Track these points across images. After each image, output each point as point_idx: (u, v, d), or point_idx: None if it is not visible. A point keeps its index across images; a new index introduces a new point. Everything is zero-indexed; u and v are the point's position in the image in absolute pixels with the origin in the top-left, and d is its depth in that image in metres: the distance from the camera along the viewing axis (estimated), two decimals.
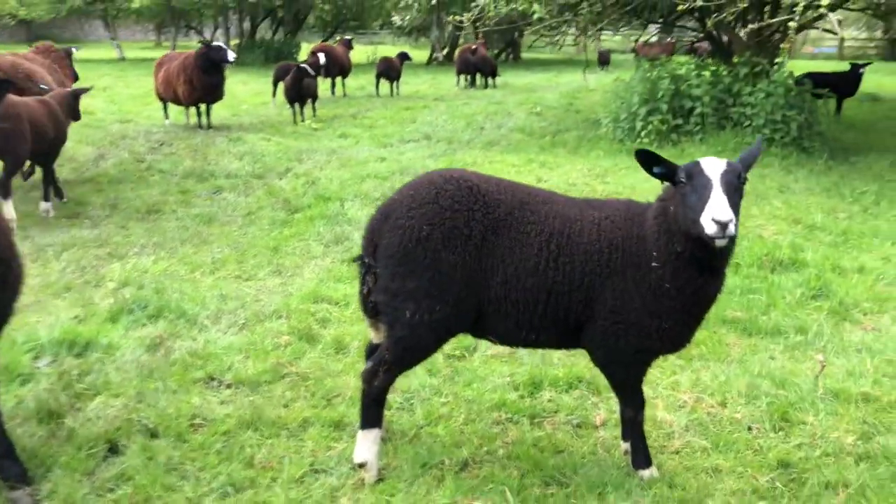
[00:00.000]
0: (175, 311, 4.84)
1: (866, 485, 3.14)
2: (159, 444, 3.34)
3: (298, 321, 4.78)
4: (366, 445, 3.13)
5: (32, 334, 4.36)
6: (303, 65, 13.79)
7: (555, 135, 12.30)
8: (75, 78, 10.26)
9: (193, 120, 12.99)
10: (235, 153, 10.58)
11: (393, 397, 3.88)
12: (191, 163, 9.94)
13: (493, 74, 21.81)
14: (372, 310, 3.20)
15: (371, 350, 3.40)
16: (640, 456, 3.26)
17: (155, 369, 4.04)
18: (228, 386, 3.93)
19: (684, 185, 2.84)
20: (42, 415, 3.51)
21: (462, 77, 21.78)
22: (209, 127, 12.78)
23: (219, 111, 14.04)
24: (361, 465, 3.14)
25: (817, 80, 12.40)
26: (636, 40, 20.71)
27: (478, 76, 21.70)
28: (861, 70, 14.05)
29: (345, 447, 3.35)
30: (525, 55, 38.22)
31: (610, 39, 40.47)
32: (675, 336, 3.09)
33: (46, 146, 7.30)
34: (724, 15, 9.23)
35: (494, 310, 3.08)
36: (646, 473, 3.23)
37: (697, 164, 2.85)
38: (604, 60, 26.99)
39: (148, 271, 5.76)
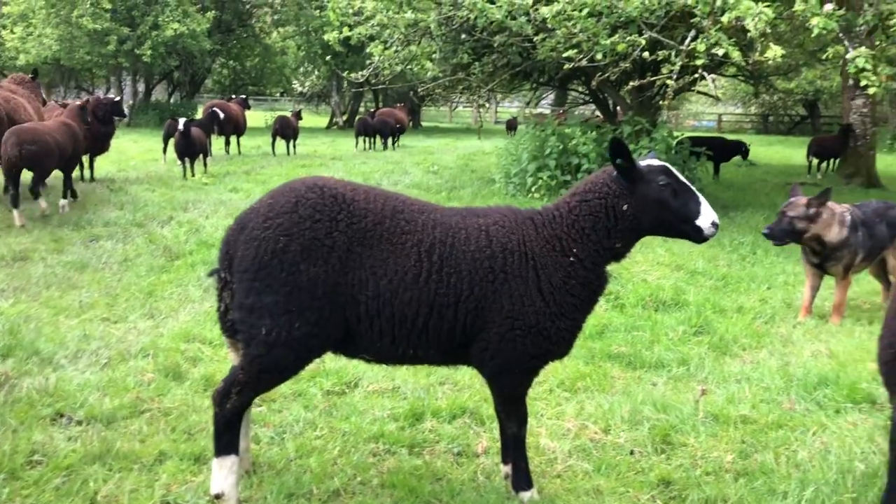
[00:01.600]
0: (27, 349, 4.44)
1: (744, 499, 3.10)
2: None
3: (166, 359, 4.46)
4: (222, 474, 2.84)
5: None
6: (190, 118, 13.48)
7: (450, 191, 12.39)
8: (43, 102, 11.45)
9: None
10: (116, 202, 10.11)
11: (263, 431, 3.63)
12: (67, 211, 9.41)
13: (396, 135, 22.21)
14: (230, 329, 2.97)
15: None
16: (522, 476, 3.12)
17: None
18: (79, 422, 3.57)
19: (665, 186, 2.96)
20: None
21: (361, 139, 21.90)
22: (92, 179, 12.24)
23: (104, 166, 13.51)
24: (218, 497, 2.85)
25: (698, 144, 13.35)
26: (527, 104, 21.41)
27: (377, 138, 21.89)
28: (745, 147, 16.34)
29: (203, 479, 3.07)
30: (425, 123, 38.95)
31: (506, 111, 41.94)
32: (569, 337, 3.05)
33: (67, 158, 9.39)
34: (608, 74, 9.61)
35: (366, 327, 2.90)
36: (526, 496, 3.09)
37: (668, 168, 3.01)
38: (511, 126, 27.81)
39: (2, 313, 5.30)
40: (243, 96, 20.84)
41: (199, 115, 21.87)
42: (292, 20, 30.55)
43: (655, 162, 3.04)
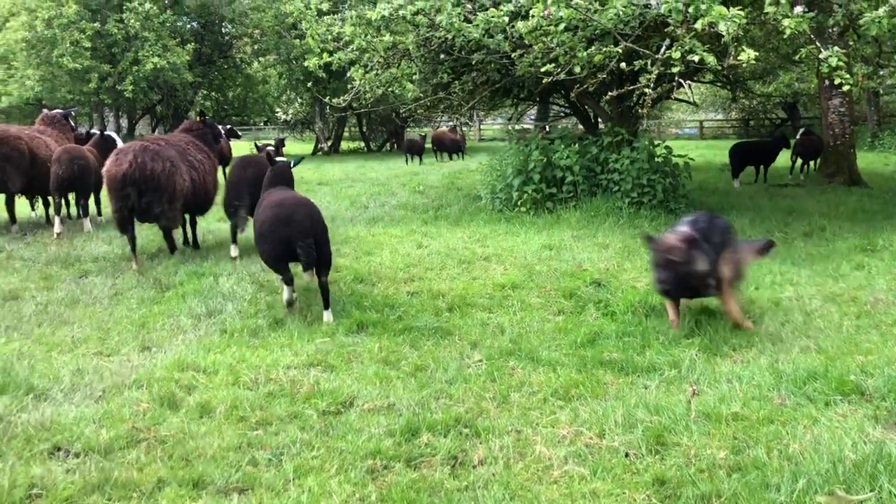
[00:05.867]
0: (22, 386, 4.44)
1: (738, 493, 3.14)
2: None
3: (160, 388, 4.47)
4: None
5: None
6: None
7: (437, 209, 12.46)
8: (73, 131, 12.26)
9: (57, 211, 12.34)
10: (104, 238, 10.12)
11: (261, 454, 3.65)
12: (55, 249, 9.42)
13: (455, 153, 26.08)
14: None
15: None
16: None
17: None
18: (77, 455, 3.58)
19: None
20: None
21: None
22: (85, 215, 12.13)
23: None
24: None
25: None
26: (509, 120, 21.68)
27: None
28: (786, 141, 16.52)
29: None
30: None
31: (489, 128, 42.15)
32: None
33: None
34: (586, 86, 9.73)
35: None
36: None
37: None
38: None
39: None
40: (229, 126, 20.92)
41: None
42: (272, 49, 30.75)
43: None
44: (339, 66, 11.47)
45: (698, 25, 7.53)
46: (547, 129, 24.05)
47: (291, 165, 7.53)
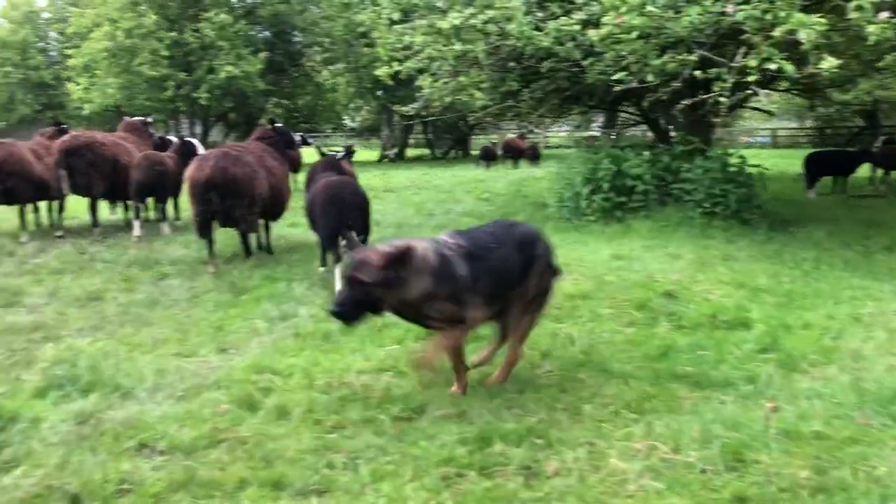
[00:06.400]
0: (109, 385, 4.63)
1: None
2: None
3: (239, 390, 4.61)
4: None
5: None
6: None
7: (503, 217, 12.45)
8: (152, 138, 12.68)
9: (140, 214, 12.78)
10: (182, 241, 10.45)
11: (337, 457, 3.71)
12: (135, 252, 9.77)
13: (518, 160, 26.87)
14: None
15: None
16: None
17: (83, 439, 3.82)
18: (161, 452, 3.72)
19: None
20: None
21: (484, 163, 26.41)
22: (164, 219, 12.45)
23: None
24: None
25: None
26: (576, 127, 21.58)
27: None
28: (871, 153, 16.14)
29: None
30: (474, 152, 39.16)
31: (555, 135, 41.90)
32: None
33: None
34: (659, 94, 9.62)
35: None
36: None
37: None
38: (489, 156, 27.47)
39: (83, 351, 5.52)
40: (300, 135, 21.36)
41: None
42: (342, 58, 31.26)
43: None
44: (407, 75, 11.60)
45: (777, 33, 7.36)
46: (614, 136, 23.84)
47: (338, 157, 9.49)
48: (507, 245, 4.63)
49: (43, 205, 11.87)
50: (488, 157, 26.64)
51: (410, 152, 38.27)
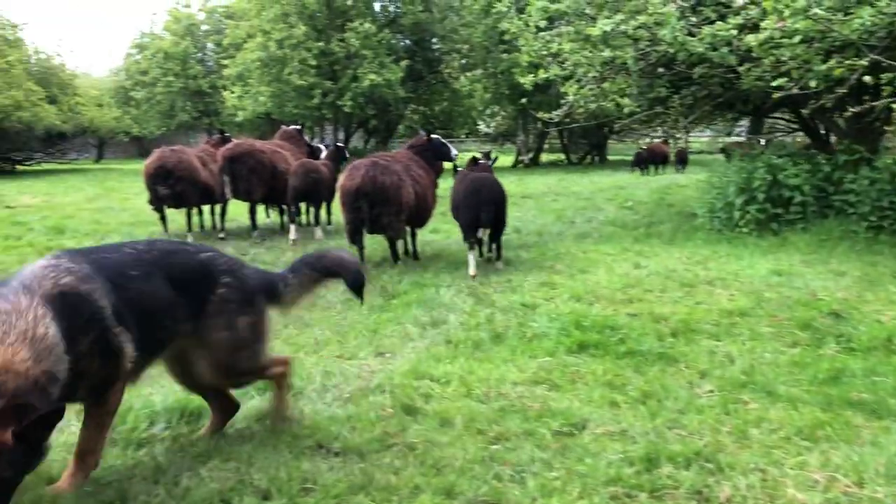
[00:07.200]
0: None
1: None
2: None
3: (402, 394, 4.76)
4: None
5: (148, 402, 4.48)
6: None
7: (648, 227, 12.20)
8: (306, 146, 13.47)
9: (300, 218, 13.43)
10: (334, 245, 10.87)
11: (503, 469, 3.76)
12: (292, 254, 10.26)
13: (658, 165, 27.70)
14: None
15: None
16: None
17: (265, 438, 4.07)
18: (336, 454, 3.90)
19: None
20: (158, 475, 3.56)
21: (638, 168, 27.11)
22: (317, 223, 12.66)
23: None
24: None
25: None
26: (728, 135, 20.74)
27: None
28: None
29: None
30: (611, 157, 38.55)
31: (697, 140, 40.51)
32: None
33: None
34: (822, 102, 9.12)
35: None
36: None
37: None
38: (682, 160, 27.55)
39: None
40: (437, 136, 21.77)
41: None
42: (480, 64, 31.59)
43: None
44: (547, 81, 11.59)
45: None
46: (762, 142, 22.78)
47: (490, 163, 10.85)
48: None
49: (206, 208, 12.70)
50: (641, 162, 27.22)
51: (545, 157, 38.12)
